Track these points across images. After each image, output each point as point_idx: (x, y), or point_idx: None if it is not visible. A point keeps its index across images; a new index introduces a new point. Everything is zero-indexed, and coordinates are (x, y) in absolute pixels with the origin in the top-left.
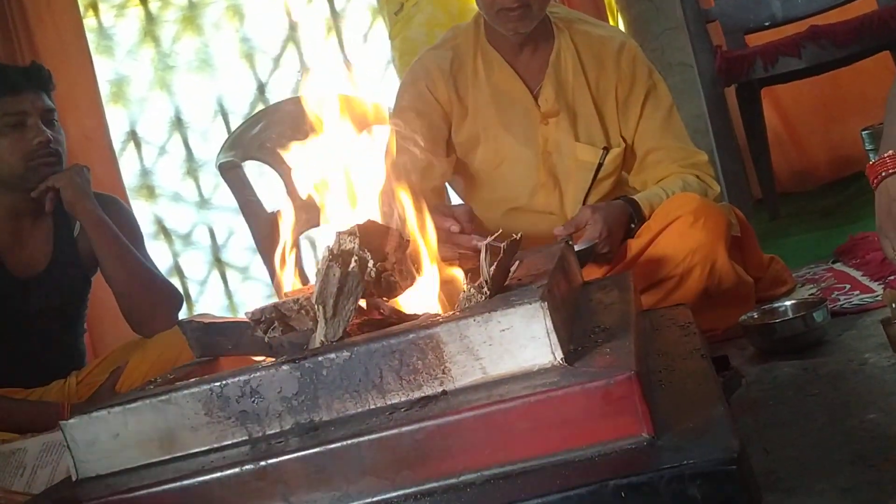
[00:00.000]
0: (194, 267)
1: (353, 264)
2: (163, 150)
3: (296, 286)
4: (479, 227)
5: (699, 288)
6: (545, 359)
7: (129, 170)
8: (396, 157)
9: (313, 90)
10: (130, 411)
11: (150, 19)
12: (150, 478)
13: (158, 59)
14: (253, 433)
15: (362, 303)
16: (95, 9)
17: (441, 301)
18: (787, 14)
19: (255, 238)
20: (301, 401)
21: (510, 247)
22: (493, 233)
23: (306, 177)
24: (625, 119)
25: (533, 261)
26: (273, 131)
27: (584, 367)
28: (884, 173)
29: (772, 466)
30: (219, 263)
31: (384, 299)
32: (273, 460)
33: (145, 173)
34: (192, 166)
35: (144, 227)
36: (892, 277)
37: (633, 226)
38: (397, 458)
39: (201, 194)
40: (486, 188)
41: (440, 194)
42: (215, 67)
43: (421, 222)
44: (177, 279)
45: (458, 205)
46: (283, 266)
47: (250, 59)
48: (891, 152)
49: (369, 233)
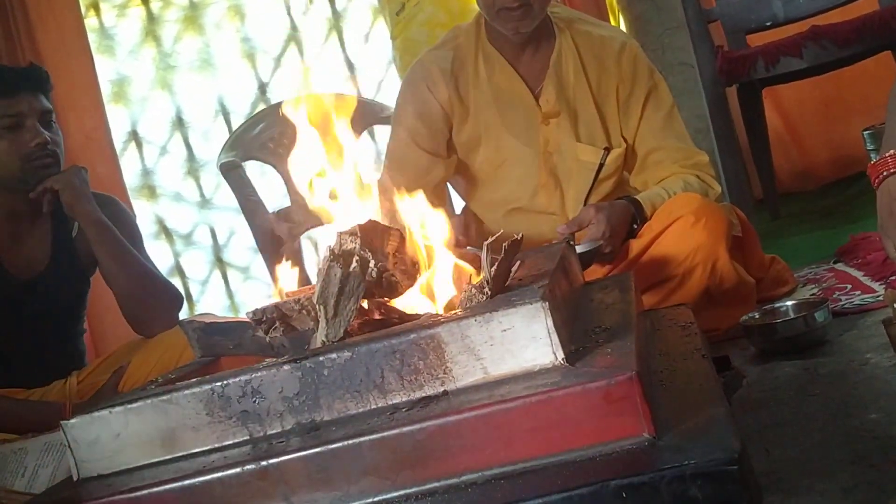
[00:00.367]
0: (195, 267)
1: (354, 264)
2: (164, 150)
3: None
4: (472, 239)
5: (700, 288)
6: (546, 359)
7: (131, 169)
8: (396, 157)
9: (312, 90)
10: (131, 411)
11: (151, 19)
12: (152, 478)
13: (160, 59)
14: (254, 433)
15: (364, 303)
16: (97, 8)
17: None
18: (789, 14)
19: (256, 238)
20: (302, 401)
21: (511, 247)
22: (492, 234)
23: (307, 178)
24: (626, 119)
25: (534, 261)
26: (274, 131)
27: (586, 368)
28: (885, 173)
29: (773, 466)
30: (220, 263)
31: (385, 299)
32: (274, 460)
33: (146, 173)
34: (193, 166)
35: (146, 227)
36: (894, 277)
37: (635, 226)
38: (398, 458)
39: (202, 194)
40: (488, 188)
41: (440, 195)
42: (216, 67)
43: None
44: (178, 279)
45: (453, 217)
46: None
47: (251, 58)
48: (892, 152)
49: (370, 233)
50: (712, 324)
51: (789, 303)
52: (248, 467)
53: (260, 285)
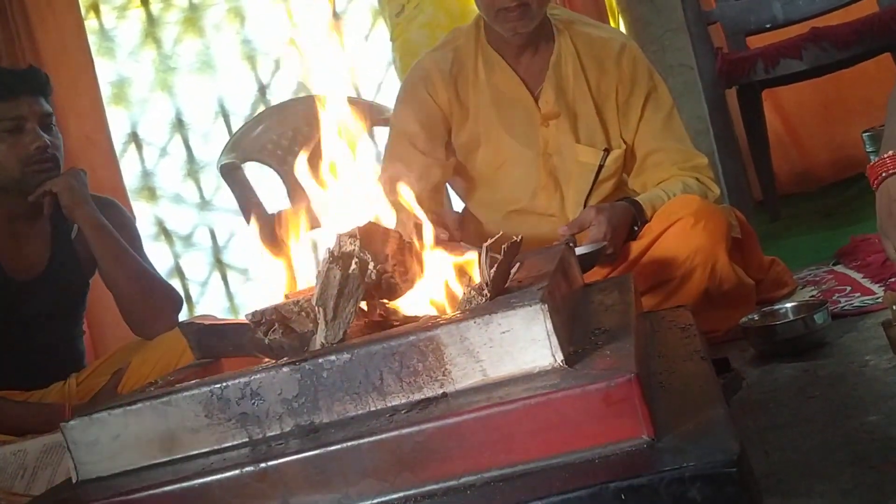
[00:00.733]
0: (195, 268)
1: (353, 266)
2: (164, 152)
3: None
4: (469, 233)
5: (700, 290)
6: (545, 361)
7: (131, 171)
8: (395, 158)
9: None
10: (131, 413)
11: (151, 21)
12: (151, 479)
13: (160, 61)
14: (253, 435)
15: (363, 305)
16: (97, 10)
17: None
18: (789, 16)
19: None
20: (301, 403)
21: (510, 249)
22: (492, 236)
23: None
24: (625, 121)
25: (533, 262)
26: (274, 133)
27: (585, 370)
28: (884, 174)
29: (772, 468)
30: (220, 265)
31: (384, 301)
32: (273, 462)
33: (146, 175)
34: (193, 168)
35: (145, 229)
36: (893, 279)
37: (635, 228)
38: (398, 460)
39: (202, 196)
40: (487, 190)
41: (439, 196)
42: (216, 69)
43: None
44: (178, 280)
45: (449, 211)
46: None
47: (251, 60)
48: (891, 153)
49: (370, 235)
50: (712, 325)
51: (789, 305)
52: (247, 469)
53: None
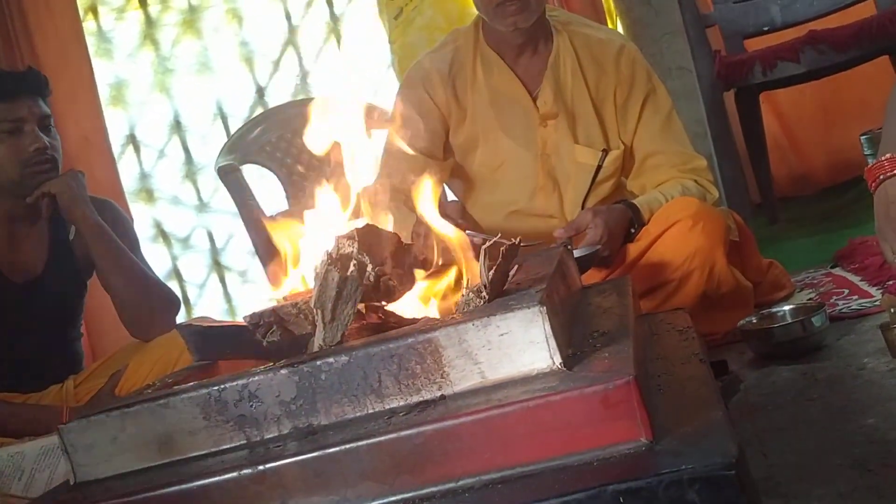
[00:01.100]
0: (193, 270)
1: (351, 268)
2: (162, 154)
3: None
4: (471, 223)
5: (698, 292)
6: (544, 363)
7: (129, 173)
8: (392, 158)
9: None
10: (128, 415)
11: (149, 23)
12: (148, 482)
13: (158, 63)
14: (251, 437)
15: (361, 307)
16: (95, 12)
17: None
18: (787, 19)
19: (253, 242)
20: (299, 405)
21: (509, 251)
22: (491, 235)
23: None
24: (623, 122)
25: (532, 265)
26: (272, 135)
27: (583, 372)
28: (882, 176)
29: (770, 471)
30: (218, 267)
31: (383, 303)
32: (271, 464)
33: (144, 176)
34: (191, 169)
35: (143, 231)
36: (891, 282)
37: (632, 230)
38: (396, 462)
39: (200, 198)
40: (485, 191)
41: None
42: (214, 71)
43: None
44: (176, 282)
45: (451, 202)
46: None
47: (249, 62)
48: (888, 155)
49: (368, 237)
50: (710, 328)
51: (787, 307)
52: (245, 472)
53: (257, 289)
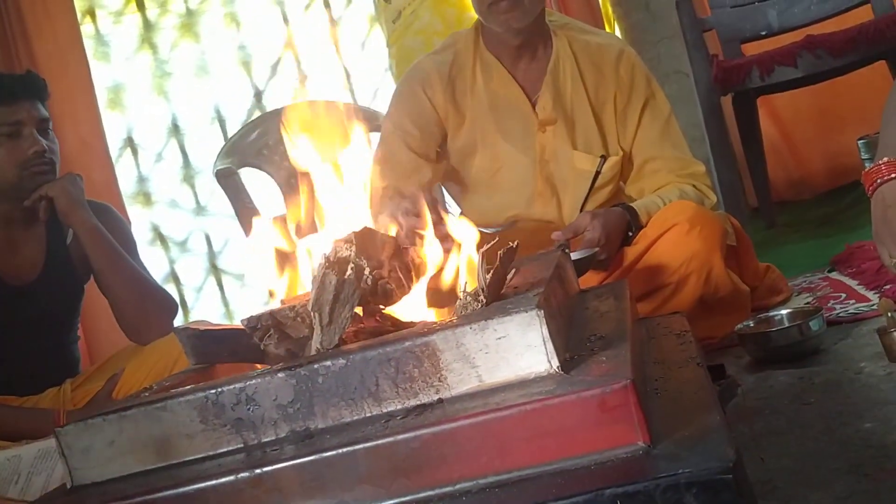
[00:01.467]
0: (191, 274)
1: (349, 272)
2: (159, 157)
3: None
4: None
5: (695, 296)
6: (541, 367)
7: (126, 176)
8: (386, 155)
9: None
10: (125, 418)
11: (147, 26)
12: (145, 485)
13: (156, 66)
14: (248, 441)
15: (358, 310)
16: (93, 15)
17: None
18: (784, 24)
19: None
20: (297, 408)
21: (506, 255)
22: (487, 241)
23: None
24: (623, 128)
25: (529, 269)
26: (270, 138)
27: (581, 376)
28: (879, 180)
29: (768, 475)
30: (215, 270)
31: (380, 307)
32: (268, 468)
33: (142, 180)
34: (188, 173)
35: (141, 234)
36: (888, 286)
37: (630, 233)
38: (393, 466)
39: (198, 201)
40: (483, 196)
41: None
42: (212, 74)
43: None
44: (173, 286)
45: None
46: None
47: (247, 66)
48: (886, 159)
49: (365, 240)
50: (707, 332)
51: (784, 311)
52: (243, 475)
53: (255, 292)
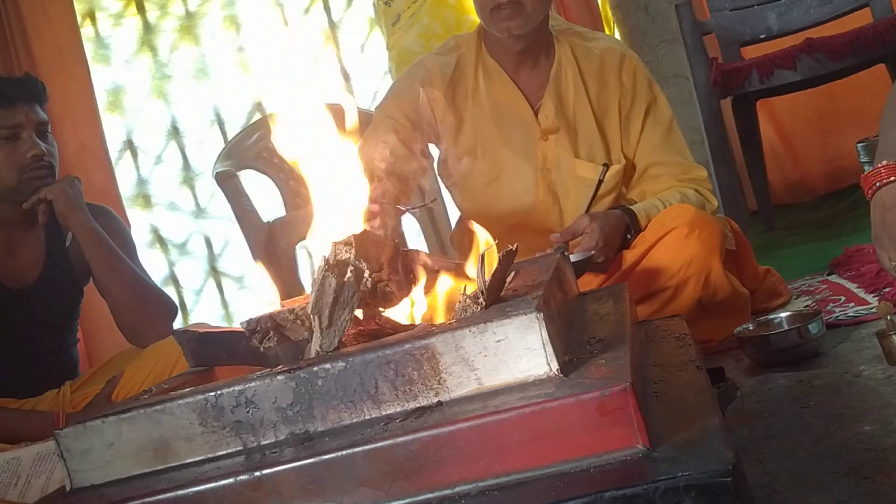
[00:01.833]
0: (190, 276)
1: (348, 274)
2: (159, 159)
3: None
4: (465, 246)
5: (694, 299)
6: (540, 370)
7: (126, 178)
8: (374, 140)
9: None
10: (125, 421)
11: (147, 28)
12: (145, 488)
13: (155, 68)
14: (247, 443)
15: (358, 313)
16: (93, 18)
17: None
18: (783, 27)
19: (250, 247)
20: (296, 411)
21: (506, 257)
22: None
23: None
24: (626, 134)
25: (528, 271)
26: (270, 141)
27: (580, 379)
28: (878, 183)
29: (767, 478)
30: (215, 273)
31: (380, 309)
32: (268, 471)
33: (141, 182)
34: (188, 175)
35: (140, 236)
36: (888, 290)
37: (629, 236)
38: (392, 468)
39: (197, 203)
40: (483, 203)
41: (407, 189)
42: (212, 77)
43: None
44: (172, 288)
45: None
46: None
47: (247, 68)
48: (884, 162)
49: (365, 243)
50: (707, 335)
51: (783, 314)
52: (242, 478)
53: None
